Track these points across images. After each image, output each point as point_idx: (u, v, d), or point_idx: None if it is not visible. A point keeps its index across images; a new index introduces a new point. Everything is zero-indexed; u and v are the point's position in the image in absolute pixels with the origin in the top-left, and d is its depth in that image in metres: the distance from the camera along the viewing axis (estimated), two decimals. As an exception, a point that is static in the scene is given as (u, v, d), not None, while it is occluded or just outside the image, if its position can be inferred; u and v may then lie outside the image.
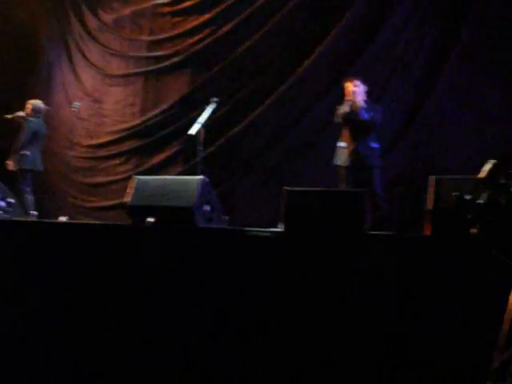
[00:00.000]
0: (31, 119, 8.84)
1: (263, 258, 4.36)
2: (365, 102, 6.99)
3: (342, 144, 6.92)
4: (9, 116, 8.75)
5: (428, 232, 4.19)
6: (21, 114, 8.79)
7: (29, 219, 7.51)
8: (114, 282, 4.76)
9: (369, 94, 7.17)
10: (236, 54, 8.96)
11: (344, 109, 6.89)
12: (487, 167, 3.22)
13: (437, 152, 7.53)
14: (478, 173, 3.34)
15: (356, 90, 6.96)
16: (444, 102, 7.66)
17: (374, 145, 6.94)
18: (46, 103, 10.27)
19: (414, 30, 7.98)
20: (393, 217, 7.64)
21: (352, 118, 6.88)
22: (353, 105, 6.90)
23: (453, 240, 3.72)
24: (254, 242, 4.48)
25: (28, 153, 8.65)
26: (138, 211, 5.05)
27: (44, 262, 5.09)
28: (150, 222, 4.94)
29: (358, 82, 7.02)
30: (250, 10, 8.94)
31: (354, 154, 6.84)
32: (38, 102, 9.00)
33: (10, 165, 8.59)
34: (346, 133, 6.94)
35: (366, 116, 6.89)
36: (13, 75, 10.79)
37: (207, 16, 9.35)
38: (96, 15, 10.49)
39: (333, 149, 7.10)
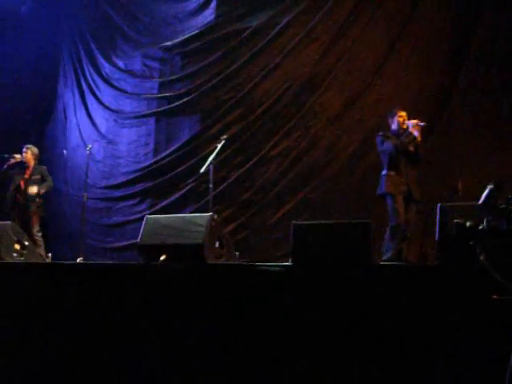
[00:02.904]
0: (43, 167, 9.02)
1: (272, 293, 4.38)
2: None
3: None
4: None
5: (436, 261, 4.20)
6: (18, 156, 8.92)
7: (44, 261, 7.60)
8: (127, 321, 4.79)
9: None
10: (244, 91, 9.07)
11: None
12: (486, 193, 3.24)
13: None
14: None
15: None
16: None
17: None
18: (62, 146, 10.50)
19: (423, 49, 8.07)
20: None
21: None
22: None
23: (458, 268, 3.72)
24: (264, 277, 4.49)
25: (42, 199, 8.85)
26: (148, 250, 5.10)
27: (59, 303, 5.14)
28: (162, 260, 4.98)
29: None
30: (257, 48, 9.07)
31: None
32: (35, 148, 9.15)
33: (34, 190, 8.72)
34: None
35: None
36: (31, 123, 11.03)
37: (215, 56, 9.50)
38: (108, 59, 10.71)
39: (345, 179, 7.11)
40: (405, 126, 6.94)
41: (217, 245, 5.12)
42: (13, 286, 5.41)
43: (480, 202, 3.25)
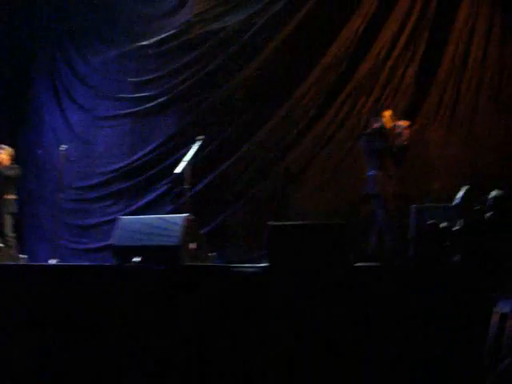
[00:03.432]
0: (16, 166, 8.90)
1: (249, 293, 4.37)
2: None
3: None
4: None
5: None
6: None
7: (19, 263, 7.52)
8: (101, 322, 4.75)
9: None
10: (221, 91, 9.04)
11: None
12: (461, 194, 3.25)
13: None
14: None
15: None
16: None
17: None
18: (36, 146, 10.38)
19: (400, 50, 8.04)
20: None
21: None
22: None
23: (432, 267, 3.73)
24: (240, 278, 4.48)
25: (15, 197, 8.72)
26: (122, 251, 5.06)
27: (32, 304, 5.09)
28: (135, 261, 4.94)
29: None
30: (233, 48, 9.04)
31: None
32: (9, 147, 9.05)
33: None
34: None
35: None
36: (5, 122, 10.89)
37: (192, 56, 9.44)
38: (83, 58, 10.59)
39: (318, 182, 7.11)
40: (390, 126, 6.93)
41: (192, 246, 5.09)
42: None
43: (454, 203, 3.26)
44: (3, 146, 8.97)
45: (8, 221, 8.57)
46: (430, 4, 7.90)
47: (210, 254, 5.45)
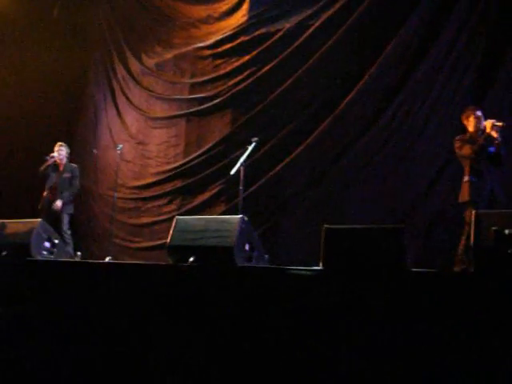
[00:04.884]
0: (74, 165, 9.10)
1: (303, 297, 4.33)
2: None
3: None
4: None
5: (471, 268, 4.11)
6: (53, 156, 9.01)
7: (74, 259, 7.64)
8: (155, 321, 4.78)
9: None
10: (276, 93, 9.02)
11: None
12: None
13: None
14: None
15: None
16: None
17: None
18: (92, 146, 10.57)
19: (459, 53, 7.86)
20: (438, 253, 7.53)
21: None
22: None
23: (494, 276, 3.63)
24: (294, 281, 4.44)
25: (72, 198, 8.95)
26: (177, 251, 5.09)
27: (88, 302, 5.15)
28: (191, 261, 4.96)
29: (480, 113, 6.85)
30: (289, 50, 9.00)
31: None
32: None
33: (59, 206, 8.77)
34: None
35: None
36: (62, 122, 11.14)
37: (247, 57, 9.46)
38: (139, 59, 10.75)
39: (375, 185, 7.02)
40: (481, 127, 6.68)
41: (247, 247, 5.08)
42: (43, 284, 5.44)
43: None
44: (61, 143, 9.17)
45: (65, 219, 8.76)
46: (489, 8, 7.70)
47: (264, 256, 5.42)
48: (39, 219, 6.70)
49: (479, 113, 6.80)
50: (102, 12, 11.30)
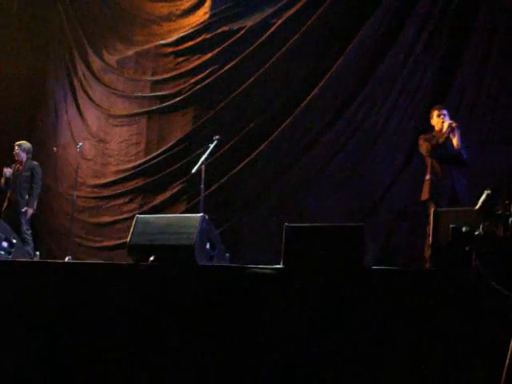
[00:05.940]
0: (35, 163, 8.94)
1: (264, 295, 4.33)
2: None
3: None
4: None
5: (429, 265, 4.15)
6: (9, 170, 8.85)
7: (32, 260, 7.52)
8: (115, 322, 4.73)
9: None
10: (237, 91, 9.01)
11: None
12: (483, 198, 3.19)
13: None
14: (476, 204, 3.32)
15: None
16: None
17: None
18: (52, 144, 10.42)
19: (420, 52, 7.94)
20: (399, 251, 7.60)
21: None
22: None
23: (452, 273, 3.67)
24: (255, 279, 4.44)
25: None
26: (138, 250, 5.03)
27: (45, 302, 5.07)
28: (151, 261, 4.91)
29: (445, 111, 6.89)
30: (251, 48, 9.02)
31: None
32: (27, 143, 9.07)
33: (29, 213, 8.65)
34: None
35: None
36: (21, 118, 10.96)
37: (209, 55, 9.45)
38: (100, 56, 10.64)
39: (336, 184, 7.05)
40: (442, 127, 6.75)
41: (208, 246, 5.05)
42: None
43: (477, 207, 3.20)
44: (19, 142, 9.01)
45: (24, 219, 8.61)
46: (450, 4, 7.79)
47: (225, 255, 5.40)
48: (-4, 219, 6.60)
49: (443, 111, 6.86)
50: (62, 7, 11.13)
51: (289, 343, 4.11)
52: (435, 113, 6.87)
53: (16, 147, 8.91)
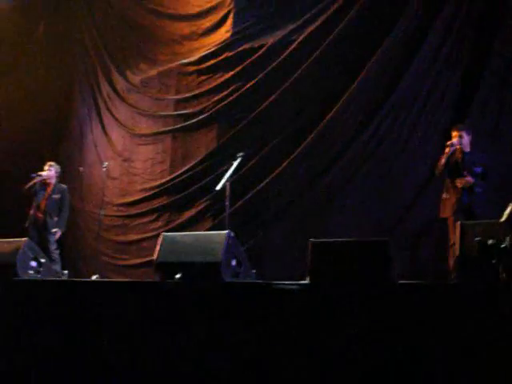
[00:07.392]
0: (64, 186, 9.05)
1: (290, 311, 4.33)
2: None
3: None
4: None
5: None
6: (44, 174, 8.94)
7: (60, 278, 7.59)
8: (143, 339, 4.76)
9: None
10: (260, 108, 9.04)
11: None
12: (508, 210, 3.18)
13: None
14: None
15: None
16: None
17: None
18: (78, 163, 10.54)
19: (443, 63, 7.92)
20: (426, 265, 7.55)
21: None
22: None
23: (479, 286, 3.65)
24: (281, 296, 4.44)
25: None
26: (164, 268, 5.07)
27: (73, 320, 5.13)
28: (178, 278, 4.94)
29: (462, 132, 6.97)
30: (272, 65, 9.06)
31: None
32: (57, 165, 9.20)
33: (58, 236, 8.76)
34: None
35: None
36: (47, 138, 11.11)
37: (231, 73, 9.50)
38: (124, 76, 10.76)
39: (360, 198, 7.03)
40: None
41: (234, 263, 5.07)
42: (29, 304, 5.41)
43: (502, 219, 3.19)
44: (51, 163, 9.12)
45: (52, 238, 8.71)
46: (472, 14, 7.76)
47: (251, 271, 5.41)
48: (25, 238, 6.66)
49: (455, 132, 6.93)
50: (85, 28, 11.30)
51: (314, 359, 4.11)
52: (452, 133, 6.94)
53: (50, 167, 9.00)
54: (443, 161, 6.75)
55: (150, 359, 4.70)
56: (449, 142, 6.78)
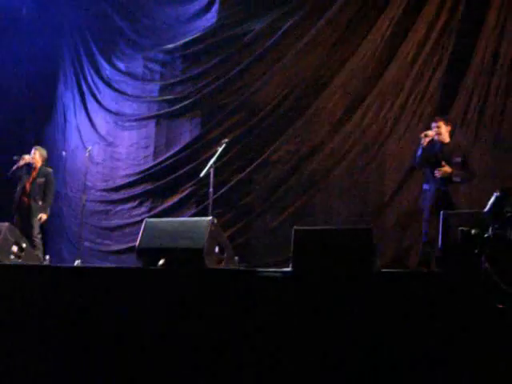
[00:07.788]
0: (49, 169, 8.94)
1: (272, 298, 4.33)
2: None
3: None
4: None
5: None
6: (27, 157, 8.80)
7: (42, 264, 7.54)
8: (125, 325, 4.74)
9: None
10: (245, 95, 9.03)
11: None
12: (492, 200, 3.19)
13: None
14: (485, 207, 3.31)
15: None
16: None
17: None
18: (62, 148, 10.45)
19: (428, 53, 7.93)
20: (408, 254, 7.58)
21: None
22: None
23: (461, 275, 3.66)
24: (264, 283, 4.44)
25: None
26: (147, 254, 5.05)
27: (54, 307, 5.09)
28: (160, 264, 4.92)
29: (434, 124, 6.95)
30: (258, 52, 9.04)
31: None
32: (44, 149, 9.08)
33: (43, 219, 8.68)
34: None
35: None
36: (31, 123, 11.01)
37: (217, 59, 9.46)
38: (109, 60, 10.68)
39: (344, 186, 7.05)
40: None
41: (216, 249, 5.06)
42: (9, 289, 5.36)
43: (486, 209, 3.20)
44: (37, 147, 9.01)
45: (36, 223, 8.63)
46: (458, 7, 7.77)
47: (233, 258, 5.41)
48: (6, 223, 6.60)
49: (433, 124, 6.92)
50: (71, 12, 11.19)
51: (297, 347, 4.11)
52: (431, 124, 6.96)
53: (35, 151, 8.88)
54: (419, 152, 6.77)
55: (131, 345, 4.68)
56: (423, 134, 6.78)
